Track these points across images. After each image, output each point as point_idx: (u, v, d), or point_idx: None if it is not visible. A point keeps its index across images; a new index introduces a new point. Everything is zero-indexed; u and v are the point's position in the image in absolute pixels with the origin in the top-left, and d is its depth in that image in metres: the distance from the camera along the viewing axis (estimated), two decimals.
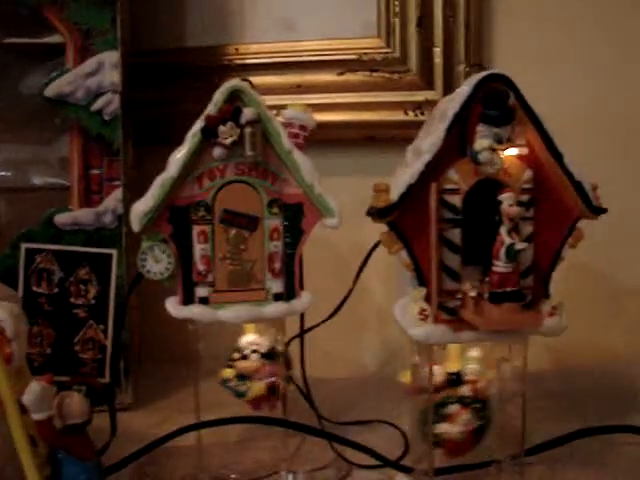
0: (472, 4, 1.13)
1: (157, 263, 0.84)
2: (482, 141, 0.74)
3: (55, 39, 1.04)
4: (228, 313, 0.85)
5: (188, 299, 0.85)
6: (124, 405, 1.06)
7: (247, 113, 0.82)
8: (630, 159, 1.18)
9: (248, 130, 0.82)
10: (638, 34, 1.16)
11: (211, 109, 0.83)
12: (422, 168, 0.75)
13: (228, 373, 0.94)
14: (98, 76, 1.03)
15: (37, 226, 1.04)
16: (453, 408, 0.81)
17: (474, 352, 0.83)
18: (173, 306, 0.86)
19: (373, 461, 0.88)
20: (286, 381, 0.92)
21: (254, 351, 0.93)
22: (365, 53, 1.16)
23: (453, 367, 0.83)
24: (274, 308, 0.86)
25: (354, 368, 1.20)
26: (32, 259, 1.04)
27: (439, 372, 0.83)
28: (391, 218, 0.76)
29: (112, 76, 1.03)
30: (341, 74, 1.17)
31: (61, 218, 1.04)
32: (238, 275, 0.86)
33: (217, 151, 0.83)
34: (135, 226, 0.83)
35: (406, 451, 0.90)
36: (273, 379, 0.92)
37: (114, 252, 1.05)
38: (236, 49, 1.21)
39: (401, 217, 0.77)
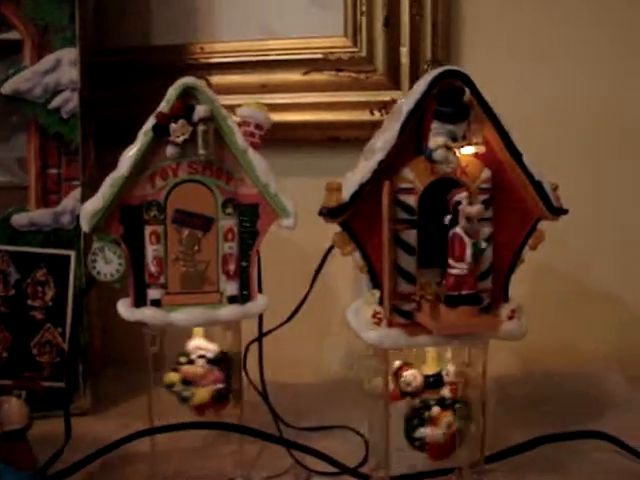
0: (440, 3, 1.11)
1: (108, 264, 0.82)
2: (436, 138, 0.72)
3: (12, 35, 1.01)
4: (181, 316, 0.83)
5: (140, 301, 0.83)
6: (82, 410, 1.04)
7: (199, 111, 0.80)
8: (591, 158, 1.16)
9: (201, 128, 0.81)
10: (608, 31, 1.14)
11: (163, 106, 0.81)
12: (375, 167, 0.73)
13: (172, 377, 0.91)
14: (56, 73, 1.01)
15: None
16: (434, 411, 0.79)
17: (447, 353, 0.81)
18: (125, 308, 0.83)
19: (332, 468, 0.86)
20: (234, 387, 0.89)
21: (201, 356, 0.90)
22: (331, 52, 1.15)
23: (430, 369, 0.81)
24: (228, 311, 0.84)
25: (318, 372, 1.17)
26: None
27: (417, 375, 0.82)
28: (343, 218, 0.74)
29: (71, 74, 1.01)
30: (307, 73, 1.15)
31: (18, 219, 1.01)
32: (191, 277, 0.84)
33: (169, 149, 0.81)
34: (84, 226, 0.81)
35: (366, 458, 0.88)
36: (219, 386, 0.89)
37: (72, 253, 1.03)
38: (201, 48, 1.19)
39: (354, 217, 0.75)
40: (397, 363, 0.83)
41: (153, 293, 0.83)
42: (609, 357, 1.17)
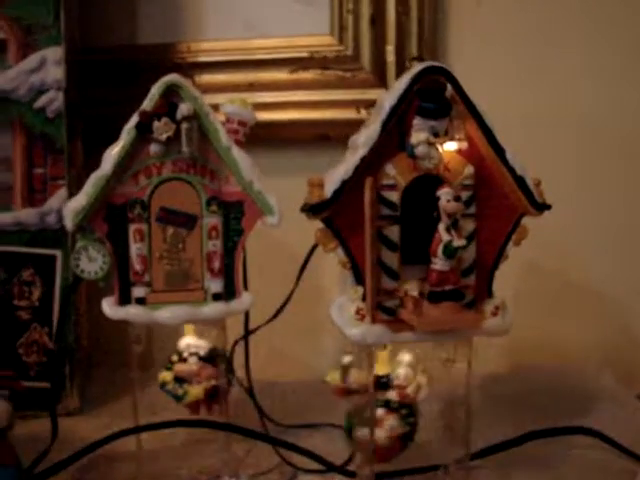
0: (426, 1, 1.11)
1: (92, 262, 0.82)
2: (418, 134, 0.72)
3: None
4: (165, 314, 0.83)
5: (124, 299, 0.83)
6: (69, 410, 1.04)
7: (183, 108, 0.80)
8: (581, 154, 1.16)
9: (184, 126, 0.81)
10: (596, 30, 1.15)
11: (146, 104, 0.81)
12: (357, 162, 0.73)
13: (166, 376, 0.91)
14: (41, 73, 1.01)
15: None
16: (379, 412, 0.79)
17: (405, 356, 0.81)
18: (109, 306, 0.83)
19: (319, 465, 0.85)
20: (227, 384, 0.89)
21: (193, 354, 0.90)
22: (317, 51, 1.15)
23: (382, 370, 0.81)
24: (213, 309, 0.84)
25: (306, 370, 1.17)
26: None
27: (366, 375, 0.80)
28: (325, 215, 0.74)
29: (56, 73, 1.01)
30: (293, 72, 1.16)
31: (3, 218, 1.01)
32: (175, 275, 0.84)
33: (153, 147, 0.81)
34: (68, 224, 0.81)
35: (352, 455, 0.88)
36: (212, 383, 0.89)
37: (58, 253, 1.02)
38: (188, 47, 1.19)
39: (337, 213, 0.75)
40: (346, 360, 0.83)
41: (137, 291, 0.83)
42: (597, 354, 1.18)
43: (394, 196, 0.75)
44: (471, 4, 1.15)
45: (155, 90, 0.81)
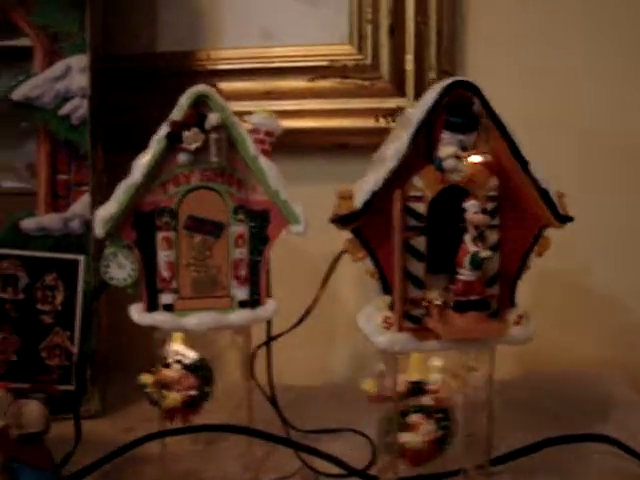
0: (444, 10, 1.12)
1: (120, 269, 0.83)
2: (446, 148, 0.74)
3: (22, 42, 1.02)
4: (192, 320, 0.84)
5: (152, 306, 0.84)
6: (91, 413, 1.05)
7: (212, 119, 0.82)
8: (583, 155, 1.20)
9: (213, 136, 0.82)
10: (599, 32, 1.16)
11: (176, 114, 0.82)
12: (386, 175, 0.75)
13: (146, 379, 0.91)
14: (66, 80, 1.02)
15: (2, 231, 1.02)
16: (414, 417, 0.80)
17: (436, 361, 0.83)
18: (137, 313, 0.84)
19: (340, 470, 0.87)
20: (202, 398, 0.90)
21: (177, 361, 0.90)
22: (336, 60, 1.16)
23: (415, 376, 0.82)
24: (239, 315, 0.86)
25: (324, 376, 1.18)
26: None
27: (401, 381, 0.82)
28: (355, 225, 0.75)
29: (80, 80, 1.02)
30: (312, 80, 1.17)
31: (27, 223, 1.02)
32: (203, 282, 0.85)
33: (182, 157, 0.82)
34: (98, 232, 0.82)
35: (373, 460, 0.89)
36: (191, 393, 0.89)
37: (81, 258, 1.04)
38: (207, 55, 1.20)
39: (365, 224, 0.76)
40: (382, 367, 0.83)
41: (165, 298, 0.84)
42: (612, 361, 1.19)
43: (421, 207, 0.77)
44: (489, 13, 1.16)
45: (184, 100, 0.83)
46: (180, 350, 0.92)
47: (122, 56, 1.21)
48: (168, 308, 0.84)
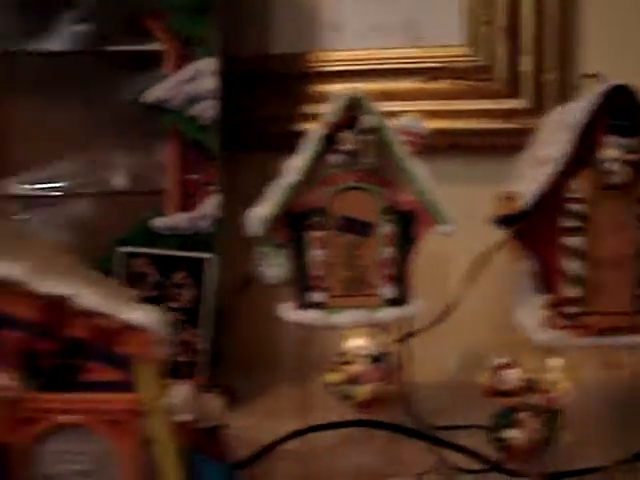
0: (563, 11, 1.13)
1: (272, 268, 0.85)
2: (609, 151, 0.75)
3: (153, 47, 1.05)
4: (342, 318, 0.86)
5: (303, 304, 0.86)
6: None
7: (366, 121, 0.84)
8: None
9: (366, 137, 0.84)
10: None
11: (330, 116, 0.84)
12: (550, 177, 0.76)
13: (333, 377, 0.94)
14: (196, 83, 1.04)
15: (133, 230, 1.04)
16: (523, 415, 0.81)
17: (555, 361, 0.84)
18: (288, 311, 0.86)
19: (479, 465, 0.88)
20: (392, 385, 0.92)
21: (362, 355, 0.93)
22: (451, 61, 1.17)
23: (529, 374, 0.83)
24: (387, 313, 0.88)
25: (448, 373, 1.19)
26: (128, 262, 1.05)
27: (515, 377, 0.83)
28: (519, 226, 0.77)
29: (210, 83, 1.04)
30: (426, 82, 1.18)
31: (157, 222, 1.05)
32: (352, 280, 0.87)
33: (335, 158, 0.84)
34: (254, 230, 0.84)
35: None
36: (381, 384, 0.92)
37: (209, 256, 1.06)
38: (320, 56, 1.22)
39: (526, 225, 0.78)
40: (498, 361, 0.84)
41: (316, 296, 0.87)
42: None
43: (580, 208, 0.78)
44: (609, 12, 1.16)
45: (338, 103, 0.85)
46: (362, 343, 0.94)
47: (236, 58, 1.23)
48: (318, 306, 0.86)
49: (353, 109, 0.85)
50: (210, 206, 1.06)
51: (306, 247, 0.86)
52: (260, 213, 0.84)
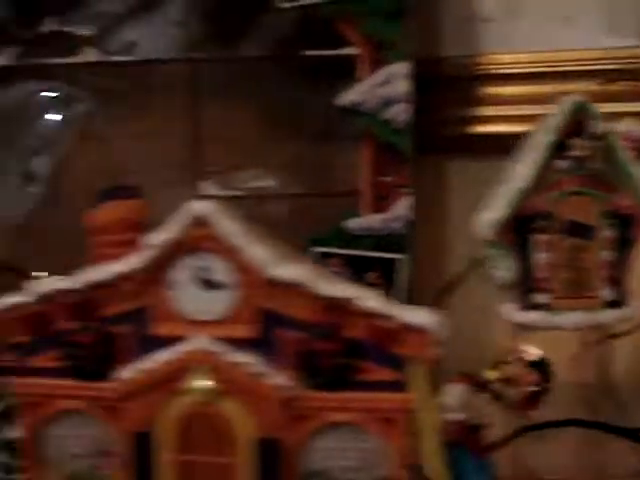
0: None
1: (501, 270, 0.87)
2: None
3: (347, 51, 1.07)
4: (565, 319, 0.88)
5: (526, 305, 0.88)
6: None
7: (595, 127, 0.85)
8: None
9: (595, 143, 0.85)
10: None
11: (556, 122, 0.86)
12: None
13: (491, 374, 0.94)
14: (389, 86, 1.06)
15: (328, 230, 1.07)
16: None
17: None
18: (512, 312, 0.89)
19: None
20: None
21: (520, 358, 0.93)
22: (628, 63, 1.18)
23: None
24: (608, 315, 0.90)
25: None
26: (322, 263, 1.07)
27: None
28: None
29: (403, 86, 1.06)
30: (602, 84, 1.19)
31: (352, 223, 1.08)
32: (574, 283, 0.89)
33: (564, 164, 0.86)
34: (485, 233, 0.86)
35: None
36: (533, 388, 0.93)
37: (401, 257, 1.08)
38: (491, 59, 1.23)
39: None
40: None
41: (540, 297, 0.89)
42: None
43: None
44: None
45: (566, 109, 0.87)
46: (524, 348, 0.95)
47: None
48: (543, 307, 0.88)
49: (578, 114, 0.86)
50: (402, 208, 1.08)
51: (531, 250, 0.88)
52: (490, 217, 0.86)
